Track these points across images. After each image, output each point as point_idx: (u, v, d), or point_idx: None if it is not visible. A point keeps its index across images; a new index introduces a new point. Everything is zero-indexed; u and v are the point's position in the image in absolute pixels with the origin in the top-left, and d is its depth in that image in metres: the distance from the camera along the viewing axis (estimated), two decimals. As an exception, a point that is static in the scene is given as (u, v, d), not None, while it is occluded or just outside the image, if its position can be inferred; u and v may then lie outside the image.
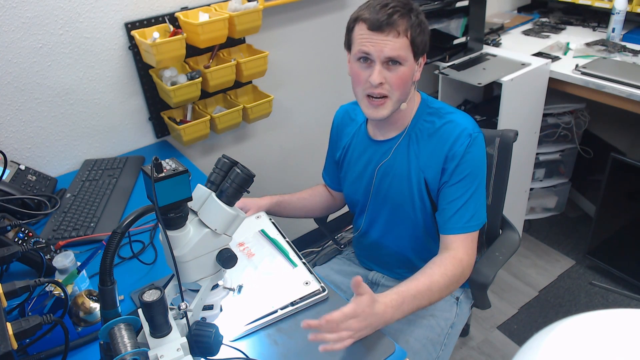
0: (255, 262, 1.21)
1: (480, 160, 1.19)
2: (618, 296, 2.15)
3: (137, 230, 1.36)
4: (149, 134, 1.83)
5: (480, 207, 1.20)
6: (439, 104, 1.25)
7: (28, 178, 1.51)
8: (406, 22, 1.10)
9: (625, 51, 2.11)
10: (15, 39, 1.46)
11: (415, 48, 1.13)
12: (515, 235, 1.45)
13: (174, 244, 0.79)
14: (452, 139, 1.17)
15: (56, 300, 0.99)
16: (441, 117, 1.21)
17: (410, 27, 1.11)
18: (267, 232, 1.31)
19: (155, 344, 0.75)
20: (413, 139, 1.24)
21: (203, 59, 1.78)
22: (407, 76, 1.15)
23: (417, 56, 1.15)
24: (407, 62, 1.13)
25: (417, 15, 1.12)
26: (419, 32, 1.12)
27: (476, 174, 1.18)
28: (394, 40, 1.10)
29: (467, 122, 1.19)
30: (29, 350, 0.98)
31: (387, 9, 1.10)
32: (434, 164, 1.20)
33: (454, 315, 1.35)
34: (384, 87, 1.15)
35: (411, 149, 1.24)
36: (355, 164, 1.35)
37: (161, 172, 0.75)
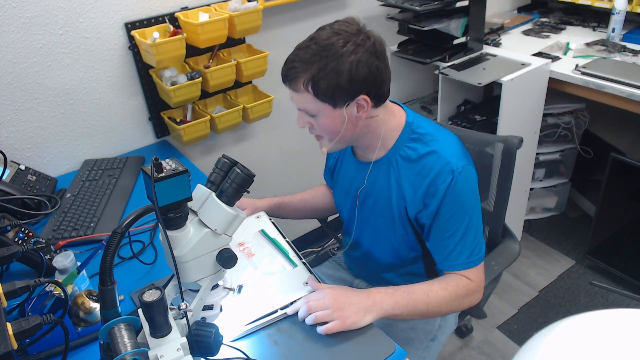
0: (255, 262, 1.21)
1: (466, 195, 1.09)
2: (618, 296, 2.15)
3: (137, 230, 1.36)
4: (149, 134, 1.83)
5: (479, 241, 1.13)
6: (425, 129, 1.14)
7: (28, 178, 1.51)
8: (304, 76, 1.03)
9: (625, 51, 2.11)
10: (16, 39, 1.46)
11: (326, 99, 1.04)
12: (515, 246, 1.43)
13: (174, 244, 0.79)
14: (433, 174, 1.09)
15: (56, 300, 0.99)
16: (424, 145, 1.12)
17: (311, 80, 1.02)
18: (267, 232, 1.31)
19: (155, 344, 0.75)
20: (393, 165, 1.16)
21: (203, 59, 1.78)
22: (328, 124, 1.08)
23: (340, 104, 1.04)
24: (320, 112, 1.07)
25: (330, 62, 1.01)
26: (329, 80, 1.01)
27: (465, 210, 1.10)
28: (296, 95, 1.08)
29: (452, 154, 1.09)
30: (29, 350, 0.98)
31: (289, 62, 1.07)
32: (414, 195, 1.13)
33: (436, 328, 1.33)
34: (314, 129, 1.13)
35: (392, 174, 1.16)
36: (343, 178, 1.33)
37: (161, 172, 0.75)
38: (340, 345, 1.00)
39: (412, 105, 2.39)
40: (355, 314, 1.01)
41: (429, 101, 2.56)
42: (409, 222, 1.18)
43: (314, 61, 1.02)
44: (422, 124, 1.16)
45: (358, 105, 1.06)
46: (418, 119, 1.18)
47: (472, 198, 1.11)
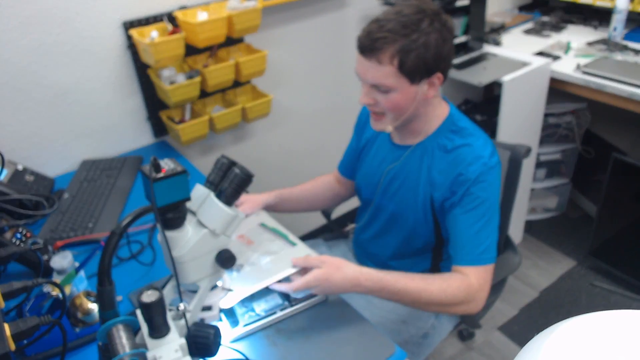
0: (255, 247, 1.21)
1: (492, 191, 1.12)
2: (620, 297, 2.15)
3: (136, 230, 1.35)
4: (148, 134, 1.83)
5: (492, 241, 1.12)
6: (464, 123, 1.18)
7: (26, 178, 1.50)
8: (393, 48, 1.02)
9: (626, 50, 2.10)
10: (13, 38, 1.45)
11: (407, 74, 1.05)
12: (515, 258, 1.41)
13: (172, 244, 0.79)
14: (466, 163, 1.11)
15: (54, 301, 0.99)
16: (462, 138, 1.15)
17: (398, 53, 1.02)
18: (267, 224, 1.31)
19: (154, 345, 0.74)
20: (429, 152, 1.18)
21: (202, 58, 1.77)
22: (399, 101, 1.09)
23: (416, 80, 1.06)
24: (396, 89, 1.07)
25: (418, 37, 1.02)
26: (415, 56, 1.03)
27: (488, 206, 1.11)
28: (376, 67, 1.05)
29: (486, 150, 1.12)
30: (26, 352, 0.97)
31: (374, 33, 1.04)
32: (443, 183, 1.14)
33: (429, 326, 1.32)
34: (377, 106, 1.12)
35: (424, 161, 1.18)
36: (372, 159, 1.34)
37: (160, 173, 0.74)
38: (340, 346, 1.00)
39: (412, 105, 2.39)
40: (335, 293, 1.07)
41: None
42: (432, 210, 1.19)
43: (405, 34, 1.02)
44: (462, 118, 1.20)
45: (431, 83, 1.09)
46: (459, 113, 1.21)
47: (495, 196, 1.13)
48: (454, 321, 1.39)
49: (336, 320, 1.06)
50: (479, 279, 1.10)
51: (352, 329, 1.03)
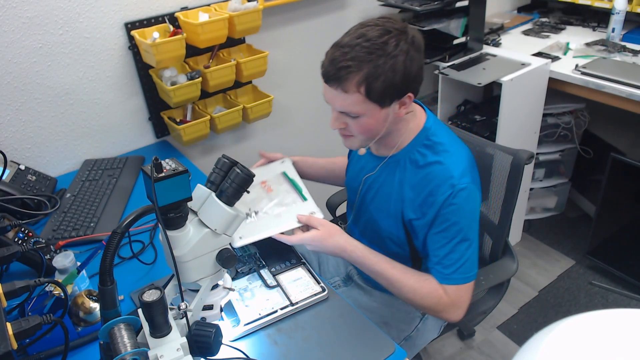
0: (272, 196, 1.32)
1: (463, 213, 1.08)
2: (618, 296, 2.15)
3: (137, 230, 1.36)
4: (149, 134, 1.83)
5: (468, 261, 1.10)
6: (439, 138, 1.13)
7: (28, 178, 1.51)
8: (359, 76, 0.99)
9: (625, 51, 2.11)
10: (15, 39, 1.45)
11: (376, 100, 1.02)
12: (512, 265, 1.38)
13: (173, 244, 0.79)
14: (434, 184, 1.08)
15: (56, 300, 0.99)
16: (434, 154, 1.11)
17: (365, 80, 0.99)
18: (288, 174, 1.41)
19: (155, 344, 0.75)
20: (401, 165, 1.16)
21: (203, 59, 1.78)
22: (369, 125, 1.07)
23: (386, 104, 1.04)
24: (365, 114, 1.04)
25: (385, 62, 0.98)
26: (383, 81, 0.99)
27: (460, 227, 1.08)
28: (342, 96, 1.03)
29: (457, 169, 1.08)
30: (28, 350, 0.98)
31: (338, 61, 1.01)
32: (414, 200, 1.13)
33: (412, 329, 1.32)
34: (347, 130, 1.11)
35: (396, 174, 1.17)
36: (355, 164, 1.35)
37: (161, 172, 0.75)
38: (340, 345, 1.00)
39: (412, 105, 2.39)
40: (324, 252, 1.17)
41: (429, 101, 2.56)
42: (403, 223, 1.18)
43: (370, 59, 0.98)
44: (439, 131, 1.15)
45: (402, 103, 1.06)
46: (437, 125, 1.17)
47: (468, 217, 1.10)
48: (439, 327, 1.38)
49: (337, 320, 1.06)
50: (451, 295, 1.11)
51: (352, 328, 1.04)
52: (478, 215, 1.12)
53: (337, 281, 1.46)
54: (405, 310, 1.33)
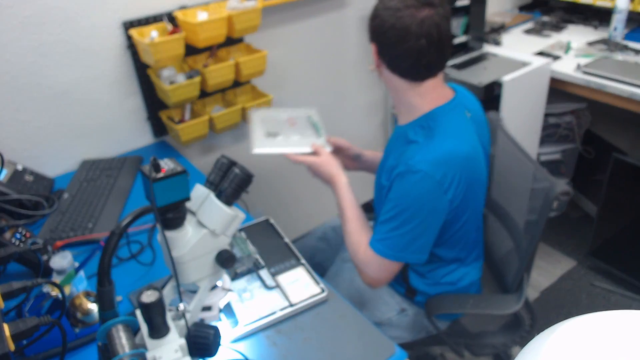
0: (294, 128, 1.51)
1: (404, 195, 1.12)
2: (620, 297, 2.14)
3: (135, 230, 1.35)
4: (147, 134, 1.83)
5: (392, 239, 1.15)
6: (439, 125, 1.15)
7: (25, 178, 1.50)
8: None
9: (627, 50, 2.10)
10: (13, 38, 1.45)
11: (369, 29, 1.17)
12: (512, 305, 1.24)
13: (172, 244, 0.79)
14: (400, 159, 1.15)
15: (54, 301, 0.99)
16: (423, 136, 1.16)
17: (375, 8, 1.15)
18: (313, 118, 1.57)
19: (154, 345, 0.74)
20: (398, 138, 1.25)
21: (202, 58, 1.77)
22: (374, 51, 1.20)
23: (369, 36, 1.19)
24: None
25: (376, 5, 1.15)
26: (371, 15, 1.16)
27: (396, 204, 1.13)
28: None
29: (425, 155, 1.11)
30: (26, 352, 0.97)
31: None
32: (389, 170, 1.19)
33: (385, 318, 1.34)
34: None
35: (391, 144, 1.29)
36: None
37: (159, 173, 0.74)
38: (340, 347, 1.00)
39: (412, 105, 2.39)
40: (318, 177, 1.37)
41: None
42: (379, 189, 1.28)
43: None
44: (445, 120, 1.16)
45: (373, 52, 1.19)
46: (452, 115, 1.18)
47: (408, 200, 1.12)
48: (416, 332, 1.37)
49: (336, 321, 1.06)
50: (368, 256, 1.20)
51: (352, 329, 1.03)
52: (426, 206, 1.12)
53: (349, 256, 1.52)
54: (386, 300, 1.36)
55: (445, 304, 1.29)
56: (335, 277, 1.46)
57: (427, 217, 1.13)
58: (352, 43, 2.22)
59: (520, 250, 1.30)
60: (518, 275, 1.31)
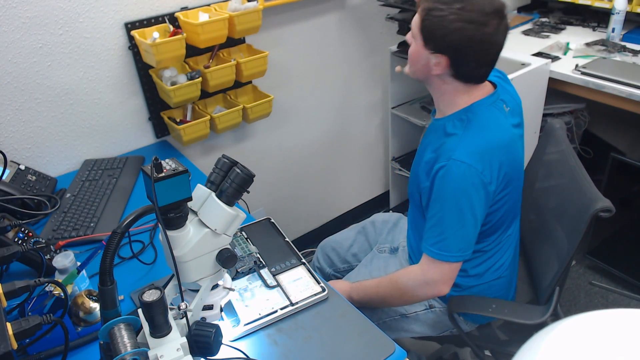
0: None
1: (450, 189, 1.12)
2: (618, 296, 2.15)
3: (137, 230, 1.36)
4: (149, 134, 1.83)
5: (448, 239, 1.14)
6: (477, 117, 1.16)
7: (28, 178, 1.51)
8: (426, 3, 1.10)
9: (625, 51, 2.11)
10: (15, 39, 1.45)
11: (423, 34, 1.12)
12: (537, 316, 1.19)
13: (173, 244, 0.79)
14: (440, 152, 1.15)
15: (56, 300, 0.99)
16: (459, 128, 1.16)
17: (428, 10, 1.09)
18: None
19: (155, 344, 0.75)
20: (436, 131, 1.23)
21: (203, 59, 1.78)
22: (413, 52, 1.17)
23: (428, 46, 1.12)
24: (415, 39, 1.15)
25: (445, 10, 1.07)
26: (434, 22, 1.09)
27: (444, 200, 1.13)
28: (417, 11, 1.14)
29: (464, 146, 1.11)
30: (28, 350, 0.98)
31: None
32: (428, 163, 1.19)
33: (412, 312, 1.37)
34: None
35: (429, 138, 1.26)
36: None
37: (161, 172, 0.75)
38: (340, 345, 1.00)
39: (412, 105, 2.39)
40: None
41: (429, 101, 2.56)
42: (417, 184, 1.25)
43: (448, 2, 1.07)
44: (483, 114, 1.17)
45: (437, 62, 1.13)
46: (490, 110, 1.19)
47: (455, 194, 1.12)
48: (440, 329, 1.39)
49: (337, 320, 1.06)
50: (430, 269, 1.19)
51: (352, 328, 1.04)
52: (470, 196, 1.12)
53: (386, 248, 1.55)
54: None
55: (468, 304, 1.28)
56: (369, 263, 1.51)
57: (476, 209, 1.14)
58: (353, 43, 2.23)
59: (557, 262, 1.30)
60: (550, 286, 1.30)
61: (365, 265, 1.52)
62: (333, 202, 2.60)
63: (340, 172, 2.53)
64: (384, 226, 1.67)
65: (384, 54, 2.29)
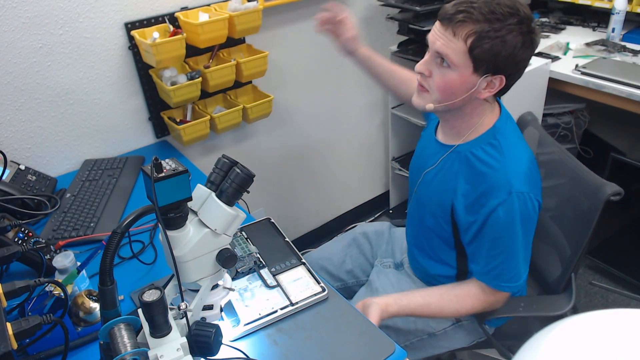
0: None
1: (517, 222, 1.08)
2: (618, 296, 2.15)
3: (137, 230, 1.36)
4: (149, 134, 1.83)
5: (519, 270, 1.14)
6: (505, 137, 1.12)
7: (28, 178, 1.51)
8: (472, 27, 0.99)
9: (625, 51, 2.11)
10: (15, 39, 1.46)
11: (474, 59, 1.01)
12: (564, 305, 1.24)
13: (173, 244, 0.79)
14: (490, 183, 1.08)
15: (56, 300, 0.99)
16: (497, 153, 1.10)
17: (474, 34, 0.99)
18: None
19: (155, 344, 0.75)
20: (462, 158, 1.15)
21: (203, 59, 1.78)
22: (452, 83, 1.05)
23: (479, 71, 1.03)
24: (457, 68, 1.03)
25: (499, 29, 0.99)
26: (489, 46, 0.99)
27: (513, 234, 1.09)
28: (448, 38, 1.02)
29: (517, 174, 1.07)
30: (28, 350, 0.98)
31: (461, 5, 1.01)
32: (467, 195, 1.13)
33: (440, 329, 1.33)
34: (427, 81, 1.09)
35: (454, 166, 1.17)
36: (420, 152, 1.35)
37: (161, 172, 0.75)
38: (340, 345, 1.00)
39: (412, 105, 2.39)
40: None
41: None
42: (451, 215, 1.19)
43: (489, 19, 0.99)
44: (507, 131, 1.14)
45: (490, 82, 1.06)
46: (507, 124, 1.16)
47: (524, 225, 1.09)
48: (472, 339, 1.37)
49: (337, 320, 1.06)
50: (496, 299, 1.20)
51: (352, 328, 1.04)
52: (534, 223, 1.12)
53: (390, 263, 1.49)
54: None
55: (500, 310, 1.26)
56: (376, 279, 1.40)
57: (532, 233, 1.13)
58: (352, 43, 2.23)
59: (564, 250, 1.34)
60: (565, 275, 1.32)
61: (374, 282, 1.41)
62: (333, 202, 2.60)
63: (340, 172, 2.53)
64: (379, 238, 1.58)
65: (384, 54, 2.28)
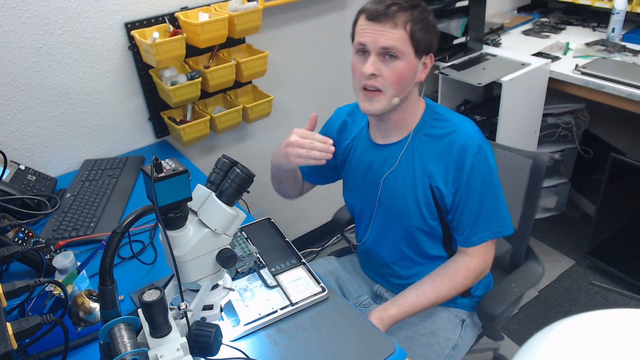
0: None
1: (490, 169, 1.15)
2: (618, 296, 2.15)
3: (137, 230, 1.36)
4: (149, 134, 1.83)
5: (500, 214, 1.18)
6: (444, 110, 1.22)
7: (28, 178, 1.51)
8: (406, 15, 1.08)
9: (625, 51, 2.11)
10: (15, 39, 1.46)
11: (415, 43, 1.09)
12: (538, 268, 1.38)
13: (173, 244, 0.79)
14: (459, 146, 1.14)
15: (56, 300, 0.99)
16: (448, 123, 1.18)
17: (410, 21, 1.08)
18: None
19: (155, 344, 0.75)
20: (417, 144, 1.19)
21: (203, 59, 1.78)
22: (404, 71, 1.10)
23: (419, 53, 1.11)
24: (404, 56, 1.09)
25: (422, 12, 1.10)
26: (420, 28, 1.09)
27: (489, 182, 1.15)
28: (390, 31, 1.08)
29: (474, 131, 1.16)
30: (28, 350, 0.98)
31: (388, 0, 1.09)
32: (442, 171, 1.16)
33: (457, 337, 1.31)
34: (378, 80, 1.11)
35: (416, 154, 1.19)
36: (355, 168, 1.32)
37: (161, 172, 0.75)
38: (340, 346, 1.00)
39: (412, 105, 2.39)
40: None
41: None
42: (434, 199, 1.19)
43: (412, 5, 1.10)
44: (440, 107, 1.24)
45: (424, 63, 1.15)
46: (433, 102, 1.25)
47: (494, 172, 1.17)
48: (476, 331, 1.37)
49: (337, 320, 1.06)
50: (483, 255, 1.20)
51: (352, 328, 1.04)
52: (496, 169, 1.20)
53: (366, 299, 1.40)
54: (447, 317, 1.32)
55: (499, 300, 1.28)
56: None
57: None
58: (352, 44, 2.23)
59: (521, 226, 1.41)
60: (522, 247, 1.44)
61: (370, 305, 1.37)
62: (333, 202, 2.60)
63: (340, 172, 2.53)
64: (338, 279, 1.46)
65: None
